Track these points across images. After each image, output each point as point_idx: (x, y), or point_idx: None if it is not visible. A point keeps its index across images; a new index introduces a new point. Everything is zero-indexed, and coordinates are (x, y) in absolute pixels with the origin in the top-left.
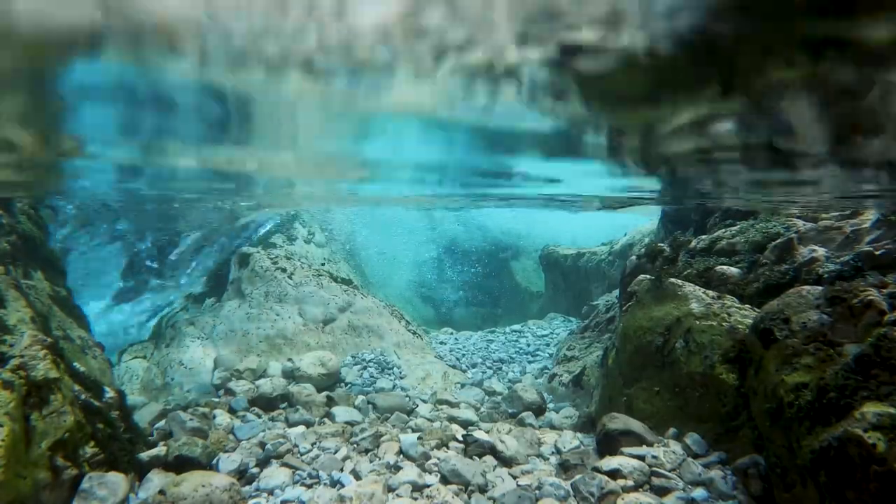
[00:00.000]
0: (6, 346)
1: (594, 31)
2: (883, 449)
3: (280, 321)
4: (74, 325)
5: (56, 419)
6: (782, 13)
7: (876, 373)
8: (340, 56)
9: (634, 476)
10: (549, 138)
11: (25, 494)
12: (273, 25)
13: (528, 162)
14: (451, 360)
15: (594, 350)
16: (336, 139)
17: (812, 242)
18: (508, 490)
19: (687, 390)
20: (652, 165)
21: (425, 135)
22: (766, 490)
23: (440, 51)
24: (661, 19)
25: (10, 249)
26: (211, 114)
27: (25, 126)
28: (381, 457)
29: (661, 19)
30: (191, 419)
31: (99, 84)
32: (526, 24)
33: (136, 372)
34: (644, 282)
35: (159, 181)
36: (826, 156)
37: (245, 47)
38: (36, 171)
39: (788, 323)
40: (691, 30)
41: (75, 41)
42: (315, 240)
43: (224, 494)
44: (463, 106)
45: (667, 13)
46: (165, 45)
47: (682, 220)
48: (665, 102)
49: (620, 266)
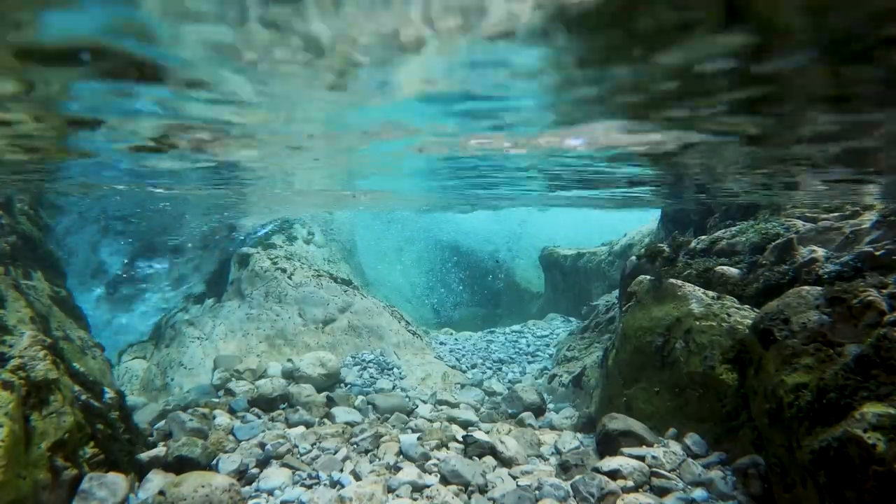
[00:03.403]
0: (6, 346)
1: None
2: (883, 449)
3: (280, 321)
4: (74, 325)
5: (56, 420)
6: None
7: (876, 373)
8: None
9: (634, 476)
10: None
11: (25, 495)
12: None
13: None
14: (450, 360)
15: (594, 350)
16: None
17: (812, 243)
18: (508, 490)
19: (687, 390)
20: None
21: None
22: (766, 490)
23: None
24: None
25: (10, 250)
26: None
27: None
28: (380, 457)
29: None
30: (190, 420)
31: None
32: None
33: (135, 372)
34: (644, 282)
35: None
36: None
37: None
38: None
39: (788, 323)
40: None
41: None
42: (315, 240)
43: (224, 495)
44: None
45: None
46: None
47: (681, 221)
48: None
49: (620, 266)
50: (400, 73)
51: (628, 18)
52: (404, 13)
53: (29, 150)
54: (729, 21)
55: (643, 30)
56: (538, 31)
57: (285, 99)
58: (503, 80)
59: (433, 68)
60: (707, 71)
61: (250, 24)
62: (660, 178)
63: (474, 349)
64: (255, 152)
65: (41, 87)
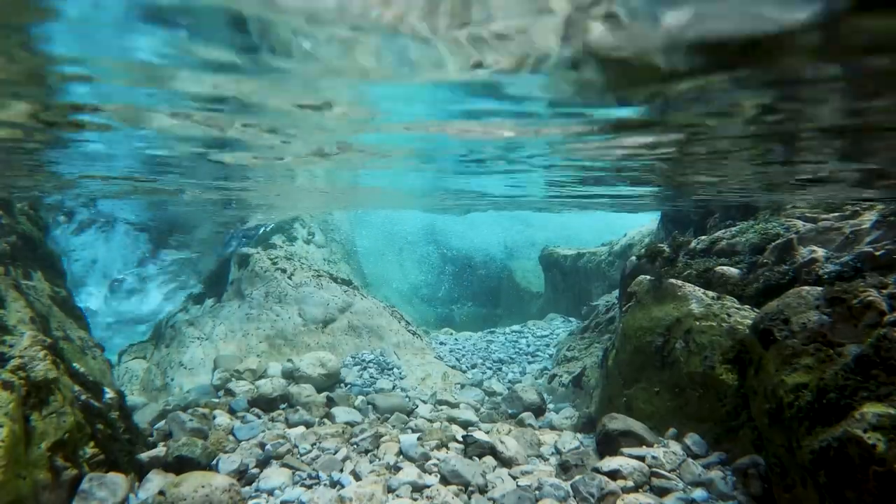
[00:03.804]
0: (6, 346)
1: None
2: (883, 449)
3: (280, 322)
4: (74, 325)
5: (56, 420)
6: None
7: (876, 373)
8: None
9: (634, 477)
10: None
11: (25, 495)
12: None
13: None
14: (450, 360)
15: (594, 350)
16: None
17: (812, 243)
18: (508, 490)
19: (687, 390)
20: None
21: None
22: (766, 490)
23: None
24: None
25: (10, 250)
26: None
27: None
28: (380, 457)
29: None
30: (190, 420)
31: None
32: None
33: (135, 372)
34: (644, 282)
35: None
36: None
37: None
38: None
39: (788, 323)
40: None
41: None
42: (315, 240)
43: (224, 495)
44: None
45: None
46: None
47: (681, 221)
48: None
49: (620, 266)
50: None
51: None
52: None
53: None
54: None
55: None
56: None
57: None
58: None
59: None
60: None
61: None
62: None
63: (474, 349)
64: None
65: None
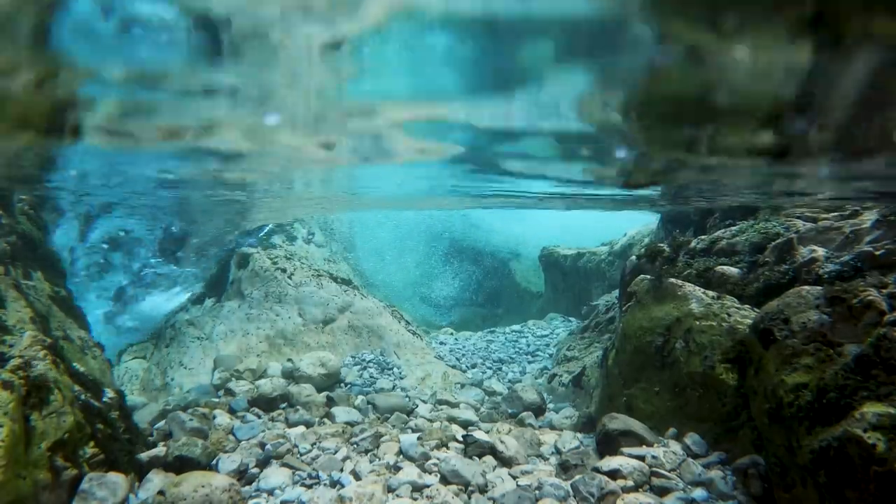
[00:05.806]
0: (6, 346)
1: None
2: (883, 449)
3: (280, 321)
4: (74, 325)
5: (56, 419)
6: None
7: (876, 373)
8: None
9: (634, 476)
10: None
11: (25, 495)
12: None
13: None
14: (450, 360)
15: (594, 350)
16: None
17: (812, 243)
18: (508, 490)
19: (687, 390)
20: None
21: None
22: (766, 490)
23: None
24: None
25: (10, 249)
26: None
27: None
28: (380, 457)
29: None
30: (190, 419)
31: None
32: None
33: (135, 372)
34: (644, 282)
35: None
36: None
37: None
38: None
39: (788, 323)
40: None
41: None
42: (315, 240)
43: (224, 495)
44: None
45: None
46: None
47: (681, 221)
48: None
49: (620, 266)
50: None
51: None
52: None
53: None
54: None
55: None
56: None
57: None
58: None
59: None
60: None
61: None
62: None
63: (474, 349)
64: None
65: None
